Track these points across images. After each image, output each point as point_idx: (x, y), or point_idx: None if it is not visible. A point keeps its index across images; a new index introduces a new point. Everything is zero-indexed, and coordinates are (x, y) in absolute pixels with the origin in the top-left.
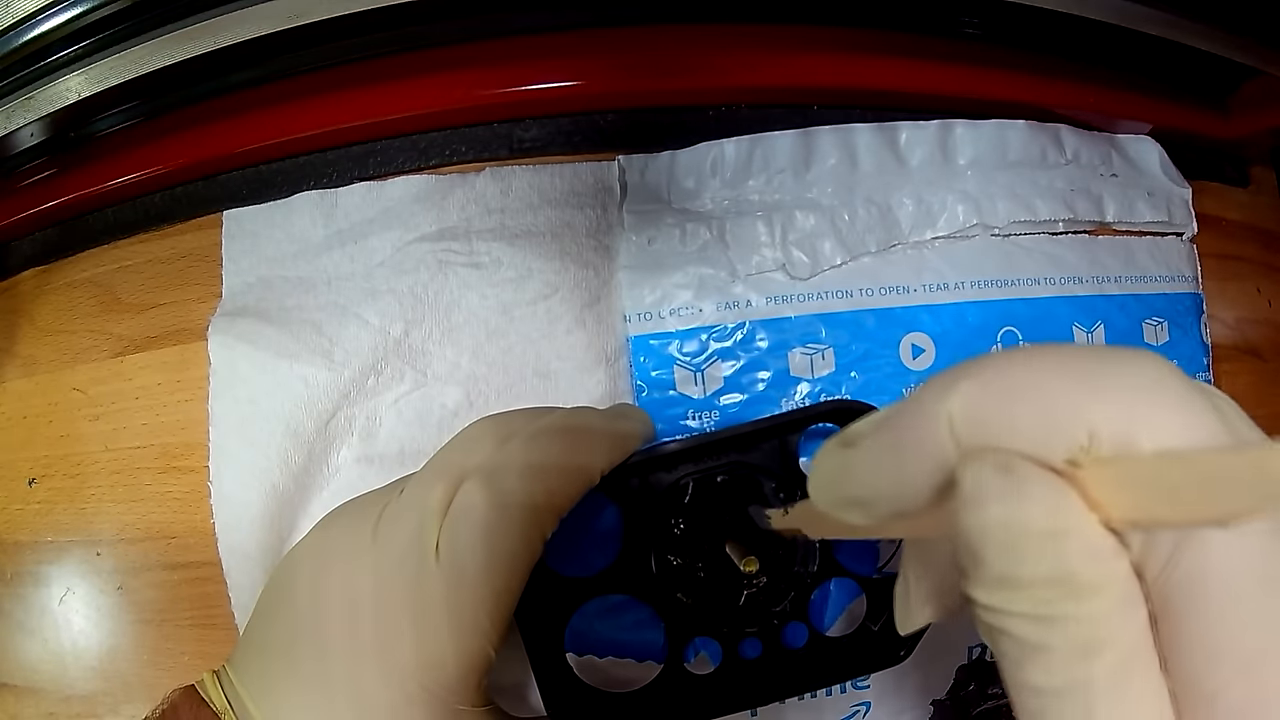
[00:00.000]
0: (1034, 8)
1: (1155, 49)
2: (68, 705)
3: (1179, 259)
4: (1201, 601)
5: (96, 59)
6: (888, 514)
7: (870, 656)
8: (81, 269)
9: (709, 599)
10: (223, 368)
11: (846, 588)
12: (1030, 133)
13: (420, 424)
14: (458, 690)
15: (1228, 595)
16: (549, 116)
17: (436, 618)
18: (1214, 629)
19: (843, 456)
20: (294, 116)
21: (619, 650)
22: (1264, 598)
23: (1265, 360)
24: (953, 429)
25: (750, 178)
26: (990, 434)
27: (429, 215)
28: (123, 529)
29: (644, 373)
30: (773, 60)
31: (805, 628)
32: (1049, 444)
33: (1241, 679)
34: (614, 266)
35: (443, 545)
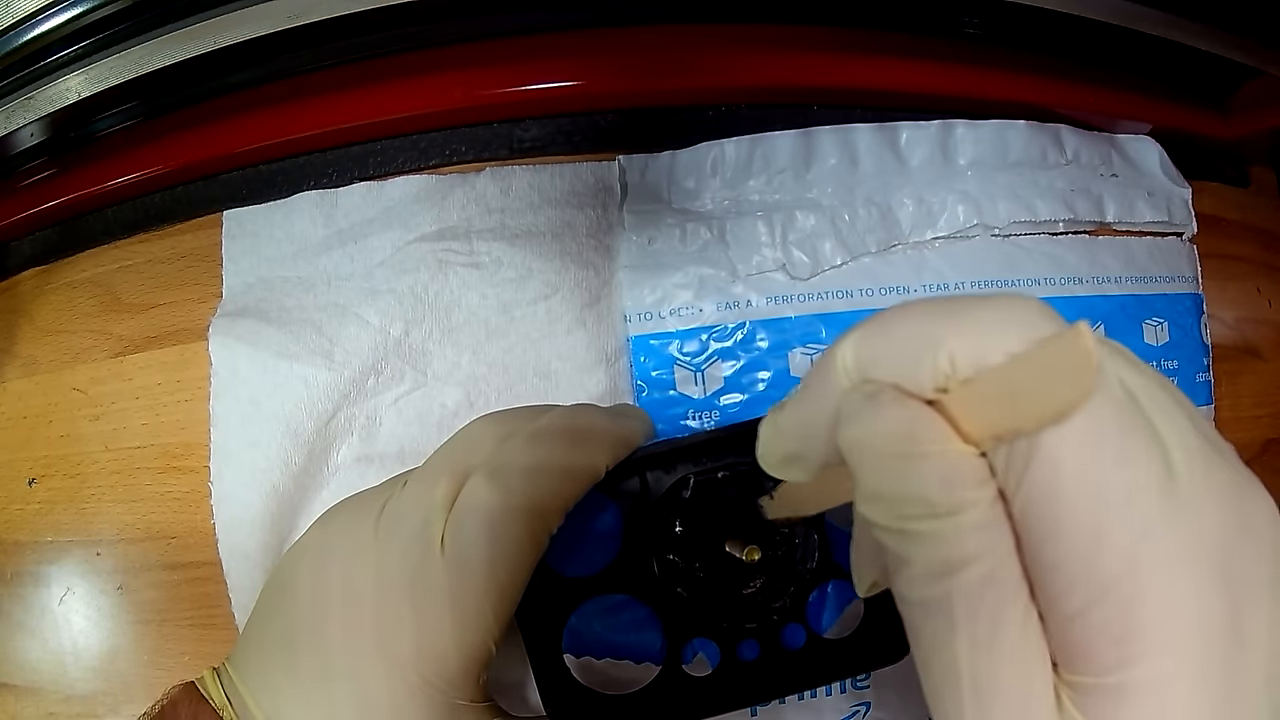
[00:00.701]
0: (1034, 8)
1: (1155, 49)
2: (68, 705)
3: (1179, 259)
4: (1052, 523)
5: (96, 59)
6: (817, 464)
7: (869, 655)
8: (81, 269)
9: (708, 595)
10: (223, 368)
11: (844, 590)
12: (1030, 133)
13: (420, 424)
14: (457, 684)
15: (1076, 521)
16: (549, 116)
17: (439, 610)
18: (1067, 554)
19: (774, 419)
20: (294, 116)
21: (617, 651)
22: (1113, 520)
23: (1265, 360)
24: (845, 371)
25: (750, 178)
26: (871, 371)
27: (429, 215)
28: (123, 529)
29: (644, 372)
30: (773, 60)
31: (803, 629)
32: (918, 375)
33: (1099, 602)
34: (614, 266)
35: (448, 539)
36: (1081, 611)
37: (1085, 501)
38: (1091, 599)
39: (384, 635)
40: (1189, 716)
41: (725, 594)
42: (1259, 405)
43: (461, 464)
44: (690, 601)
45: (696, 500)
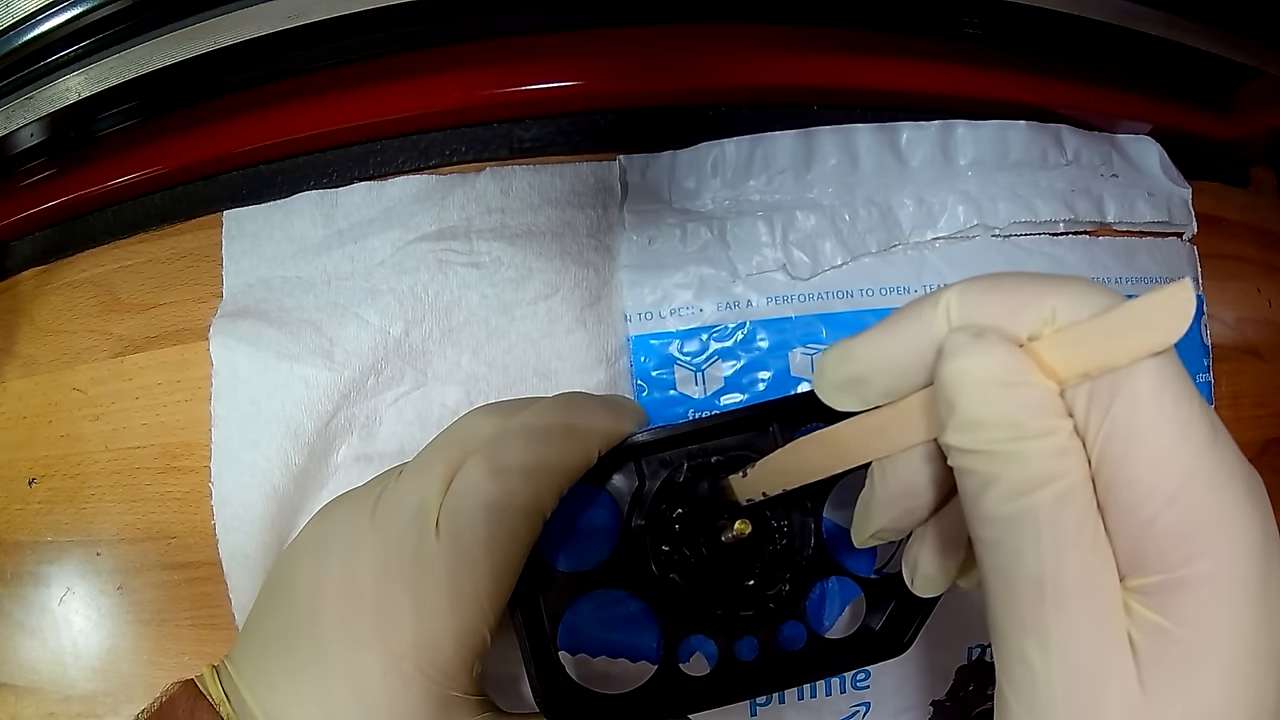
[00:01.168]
0: (1034, 8)
1: (1155, 49)
2: (68, 705)
3: (1179, 259)
4: (1132, 444)
5: (96, 59)
6: (880, 392)
7: (870, 650)
8: (81, 269)
9: (703, 581)
10: (224, 369)
11: (845, 587)
12: (1031, 133)
13: (420, 423)
14: (452, 675)
15: (1151, 443)
16: (549, 116)
17: (436, 594)
18: (1143, 470)
19: (845, 345)
20: (294, 116)
21: (613, 649)
22: (1177, 443)
23: (1265, 360)
24: (948, 314)
25: (751, 178)
26: (974, 316)
27: (429, 215)
28: (123, 529)
29: (644, 372)
30: (773, 60)
31: (803, 628)
32: (1018, 322)
33: (1168, 508)
34: (615, 266)
35: (443, 522)
36: (1153, 518)
37: (1158, 426)
38: (1161, 506)
39: (381, 623)
40: (1246, 596)
41: (720, 579)
42: (1259, 405)
43: (456, 452)
44: (686, 590)
45: (690, 485)
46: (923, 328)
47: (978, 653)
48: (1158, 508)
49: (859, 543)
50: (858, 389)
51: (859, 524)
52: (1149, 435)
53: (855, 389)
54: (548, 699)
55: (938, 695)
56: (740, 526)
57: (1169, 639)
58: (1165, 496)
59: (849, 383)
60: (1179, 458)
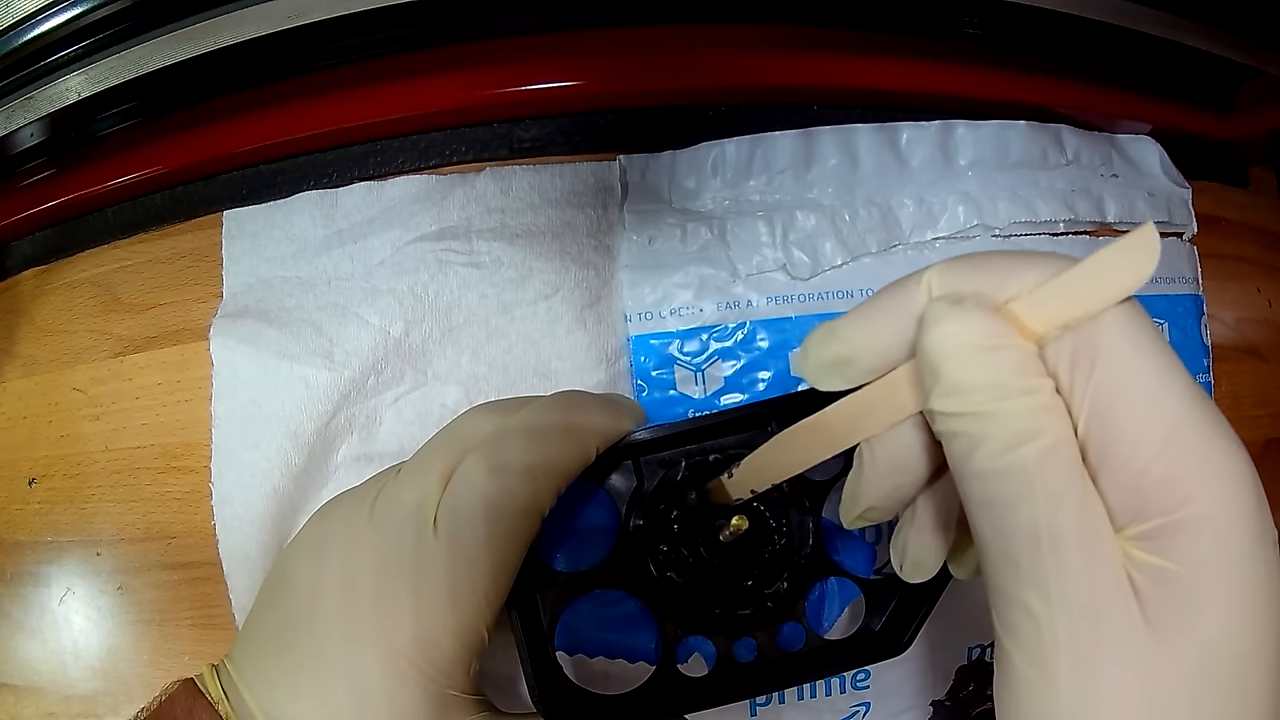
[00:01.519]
0: (1034, 8)
1: (1155, 49)
2: (68, 705)
3: (1179, 260)
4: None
5: (96, 59)
6: (865, 370)
7: (870, 650)
8: (81, 269)
9: (702, 579)
10: (225, 369)
11: (845, 588)
12: (1031, 133)
13: (420, 423)
14: (450, 673)
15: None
16: (549, 116)
17: (434, 591)
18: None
19: (830, 327)
20: (294, 116)
21: (610, 650)
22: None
23: (1265, 360)
24: (930, 288)
25: (751, 178)
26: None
27: (429, 215)
28: (123, 529)
29: (644, 372)
30: (773, 60)
31: (802, 629)
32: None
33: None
34: (615, 266)
35: (441, 517)
36: (1146, 466)
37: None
38: (1153, 454)
39: (380, 619)
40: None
41: (719, 579)
42: (1259, 405)
43: (455, 450)
44: (684, 589)
45: (689, 485)
46: (905, 304)
47: (978, 653)
48: (1150, 455)
49: (847, 524)
50: (843, 369)
51: (847, 505)
52: (1134, 388)
53: (840, 369)
54: (545, 699)
55: (938, 695)
56: (737, 522)
57: (1172, 580)
58: (1156, 444)
59: (834, 363)
60: (1165, 406)
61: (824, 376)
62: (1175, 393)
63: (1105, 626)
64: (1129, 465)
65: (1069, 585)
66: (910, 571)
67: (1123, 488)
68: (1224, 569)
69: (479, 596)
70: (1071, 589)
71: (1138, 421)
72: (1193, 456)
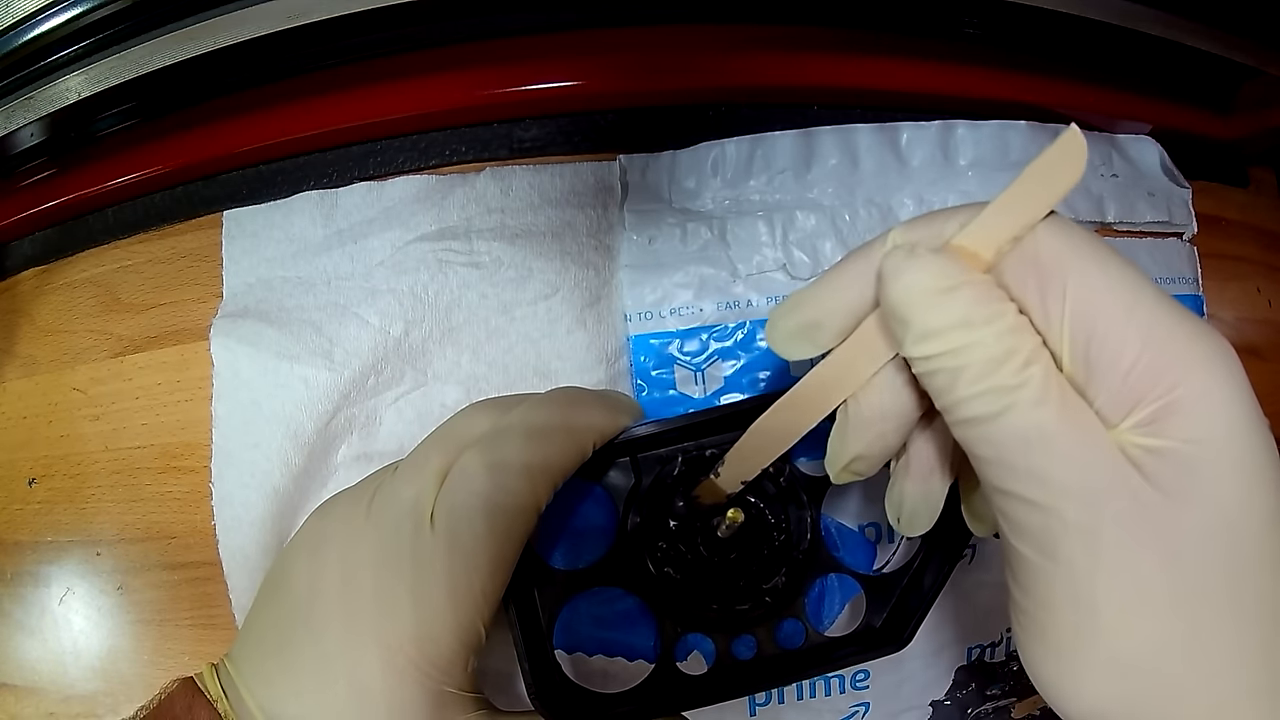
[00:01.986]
0: (1034, 8)
1: (1155, 49)
2: (68, 705)
3: (1179, 260)
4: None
5: (96, 59)
6: (834, 333)
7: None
8: (81, 269)
9: (700, 575)
10: (225, 370)
11: (845, 585)
12: (1031, 133)
13: (420, 423)
14: (448, 670)
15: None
16: (549, 116)
17: (432, 588)
18: (1114, 324)
19: (798, 294)
20: (294, 116)
21: (609, 648)
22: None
23: (1265, 360)
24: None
25: (751, 178)
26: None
27: (429, 215)
28: (123, 529)
29: (644, 372)
30: (773, 60)
31: (802, 627)
32: (943, 231)
33: (1146, 349)
34: (615, 266)
35: (439, 514)
36: (1134, 362)
37: (1115, 285)
38: (1140, 350)
39: (377, 617)
40: (1240, 402)
41: (717, 574)
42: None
43: (451, 447)
44: (683, 586)
45: (686, 479)
46: (868, 264)
47: (977, 653)
48: (1137, 352)
49: (835, 477)
50: (812, 334)
51: (834, 456)
52: (1109, 300)
53: (809, 334)
54: (542, 696)
55: (938, 695)
56: (733, 515)
57: (1172, 454)
58: (1139, 344)
59: (802, 329)
60: (1140, 311)
61: (793, 345)
62: (1146, 297)
63: (1108, 501)
64: (1117, 367)
65: (1065, 471)
66: (907, 524)
67: (1114, 389)
68: (1220, 437)
69: (476, 593)
70: (1068, 474)
71: (1119, 327)
72: (1176, 347)
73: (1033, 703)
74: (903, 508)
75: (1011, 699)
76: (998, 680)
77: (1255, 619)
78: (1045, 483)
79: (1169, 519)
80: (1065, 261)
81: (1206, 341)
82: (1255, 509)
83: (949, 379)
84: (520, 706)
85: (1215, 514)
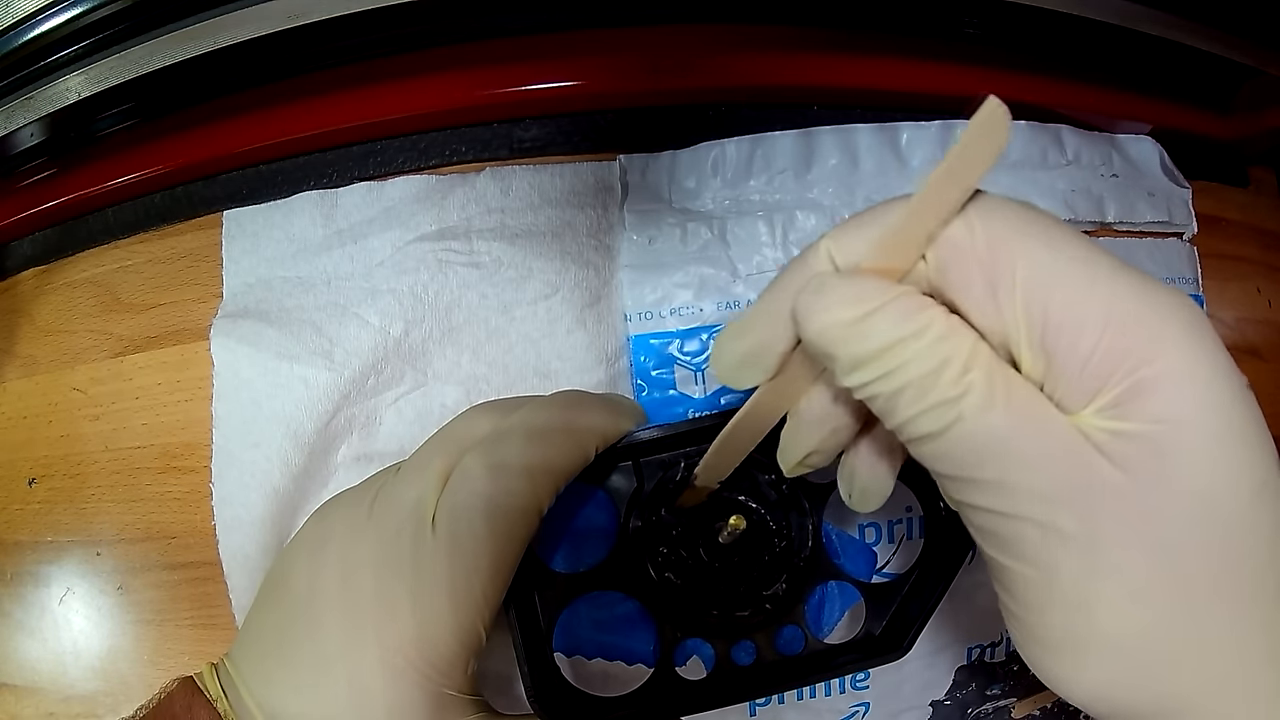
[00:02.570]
0: (1034, 8)
1: (1155, 49)
2: (68, 705)
3: (1179, 260)
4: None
5: (96, 59)
6: (779, 356)
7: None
8: (81, 269)
9: (699, 579)
10: (225, 370)
11: (845, 592)
12: (1031, 133)
13: (420, 423)
14: (448, 672)
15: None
16: (549, 116)
17: (433, 590)
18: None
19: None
20: (294, 116)
21: (608, 652)
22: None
23: (1265, 360)
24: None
25: (751, 178)
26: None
27: (429, 215)
28: (123, 529)
29: (644, 372)
30: (773, 60)
31: (801, 633)
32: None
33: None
34: (615, 266)
35: (440, 515)
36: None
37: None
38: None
39: (377, 618)
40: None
41: (718, 580)
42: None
43: (453, 449)
44: (683, 591)
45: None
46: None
47: (977, 653)
48: (1096, 335)
49: (789, 471)
50: (757, 361)
51: (787, 453)
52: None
53: (755, 362)
54: (540, 698)
55: (938, 695)
56: (735, 522)
57: (1144, 437)
58: (1098, 325)
59: (747, 359)
60: (1097, 289)
61: (741, 375)
62: (1102, 272)
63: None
64: (1076, 353)
65: (1025, 475)
66: (859, 500)
67: (1075, 375)
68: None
69: (477, 595)
70: (1029, 477)
71: (1076, 310)
72: (1139, 324)
73: (1033, 702)
74: (854, 484)
75: (1011, 699)
76: (998, 680)
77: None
78: (1007, 490)
79: (1146, 505)
80: (1010, 247)
81: (1172, 313)
82: (1239, 483)
83: (888, 402)
84: (520, 709)
85: (1194, 494)
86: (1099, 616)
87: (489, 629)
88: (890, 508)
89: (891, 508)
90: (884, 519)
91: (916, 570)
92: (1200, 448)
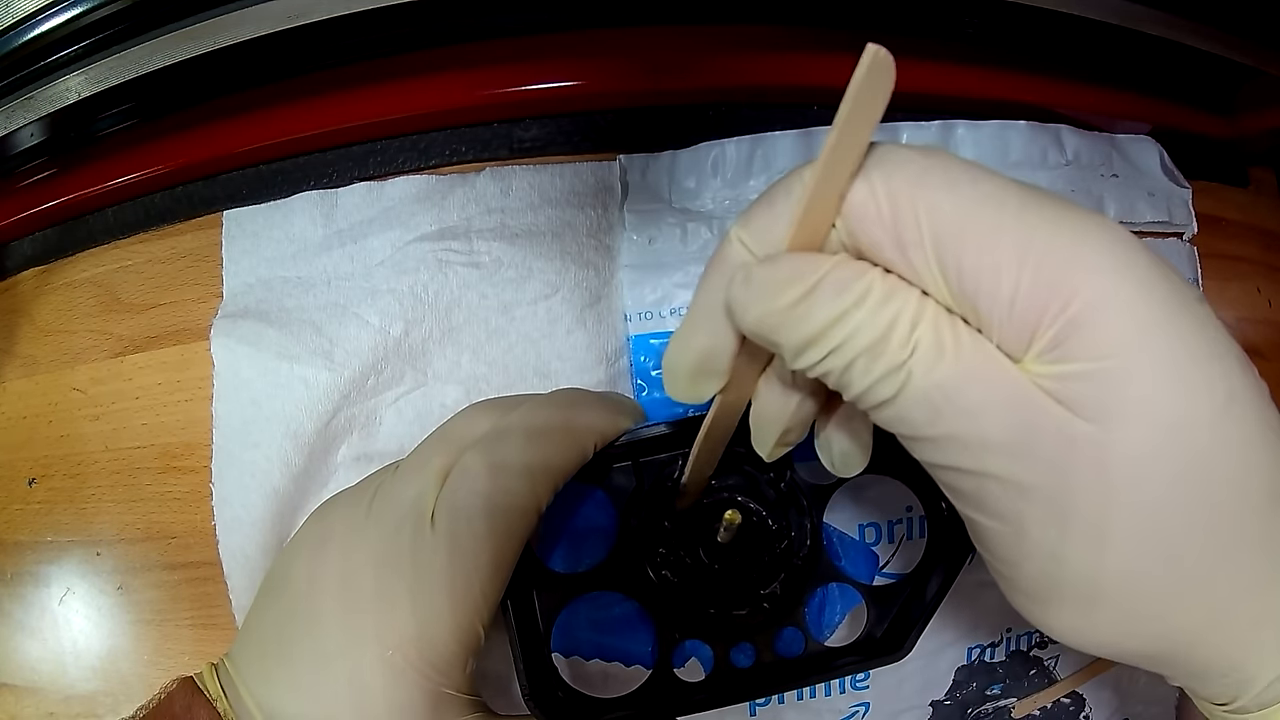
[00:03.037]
0: (1034, 8)
1: (1155, 49)
2: (68, 705)
3: (1179, 260)
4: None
5: (96, 59)
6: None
7: (868, 655)
8: (81, 269)
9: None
10: (226, 370)
11: (845, 594)
12: (1031, 133)
13: (420, 423)
14: (447, 671)
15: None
16: (549, 116)
17: (432, 588)
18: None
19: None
20: (294, 116)
21: (606, 653)
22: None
23: (1265, 360)
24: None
25: (751, 178)
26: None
27: (429, 215)
28: (123, 529)
29: (644, 372)
30: (773, 60)
31: (801, 635)
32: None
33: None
34: (615, 266)
35: (439, 514)
36: (1015, 288)
37: (973, 209)
38: (1017, 274)
39: (377, 616)
40: (1146, 299)
41: (715, 579)
42: None
43: (452, 447)
44: (680, 589)
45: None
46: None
47: (977, 653)
48: (1014, 277)
49: (769, 456)
50: (709, 369)
51: (760, 437)
52: (967, 227)
53: (707, 371)
54: (537, 698)
55: (938, 695)
56: (730, 516)
57: (1090, 376)
58: (1015, 261)
59: (698, 371)
60: (1005, 225)
61: (697, 390)
62: (1010, 208)
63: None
64: (999, 299)
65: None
66: (842, 465)
67: (1005, 322)
68: (1133, 341)
69: (476, 594)
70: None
71: (989, 254)
72: (1057, 257)
73: (1033, 702)
74: (833, 450)
75: (1011, 699)
76: (998, 680)
77: (1233, 516)
78: (962, 445)
79: (1106, 445)
80: (912, 199)
81: (1091, 238)
82: (1198, 403)
83: (842, 376)
84: (517, 710)
85: (1154, 425)
86: (1072, 566)
87: (487, 628)
88: (890, 508)
89: (891, 508)
90: (884, 519)
91: (918, 573)
92: (1150, 373)
